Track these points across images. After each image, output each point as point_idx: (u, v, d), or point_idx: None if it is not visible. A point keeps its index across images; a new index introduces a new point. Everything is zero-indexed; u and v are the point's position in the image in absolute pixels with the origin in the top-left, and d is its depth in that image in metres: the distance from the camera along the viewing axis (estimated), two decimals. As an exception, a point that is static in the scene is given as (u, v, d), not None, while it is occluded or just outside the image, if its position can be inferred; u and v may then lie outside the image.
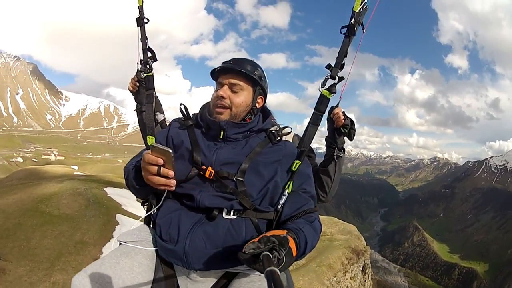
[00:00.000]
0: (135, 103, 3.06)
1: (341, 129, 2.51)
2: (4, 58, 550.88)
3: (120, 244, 1.81)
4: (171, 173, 1.59)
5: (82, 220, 14.74)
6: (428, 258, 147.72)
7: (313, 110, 2.19)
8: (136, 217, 16.39)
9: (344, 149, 2.61)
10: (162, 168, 1.57)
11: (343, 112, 2.52)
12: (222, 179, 1.78)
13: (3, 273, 10.84)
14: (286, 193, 1.87)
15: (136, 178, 1.79)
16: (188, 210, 1.79)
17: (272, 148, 1.93)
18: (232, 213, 1.75)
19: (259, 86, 2.00)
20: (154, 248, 1.80)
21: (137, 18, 2.70)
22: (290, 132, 1.99)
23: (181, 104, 2.08)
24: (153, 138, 2.25)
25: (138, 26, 2.71)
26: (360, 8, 2.09)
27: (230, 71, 1.95)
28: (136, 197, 2.10)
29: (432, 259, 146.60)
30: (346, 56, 2.13)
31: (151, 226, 2.02)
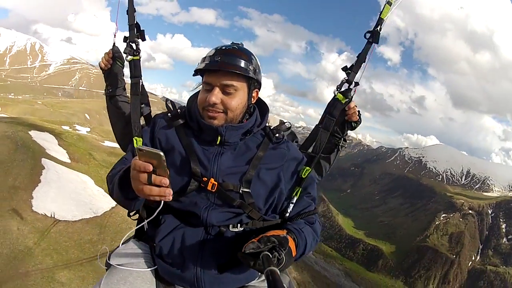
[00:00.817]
0: (106, 85, 2.60)
1: (352, 123, 2.50)
2: None
3: (108, 263, 1.67)
4: (165, 180, 1.28)
5: (12, 165, 15.64)
6: (333, 229, 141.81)
7: (324, 114, 2.16)
8: (59, 162, 17.99)
9: (346, 140, 2.64)
10: (153, 175, 1.27)
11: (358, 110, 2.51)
12: (228, 192, 1.65)
13: None
14: (294, 201, 1.82)
15: (123, 190, 1.48)
16: (190, 227, 1.66)
17: (275, 152, 1.82)
18: (239, 226, 1.67)
19: (254, 80, 1.76)
20: (152, 268, 1.68)
21: None
22: (290, 128, 1.92)
23: (167, 100, 1.90)
24: (141, 140, 1.90)
25: None
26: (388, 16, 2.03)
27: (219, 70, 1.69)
28: (126, 208, 1.77)
29: (336, 231, 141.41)
30: (365, 62, 2.09)
31: (143, 238, 1.88)
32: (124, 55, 2.30)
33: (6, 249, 11.31)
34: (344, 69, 2.11)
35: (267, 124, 1.89)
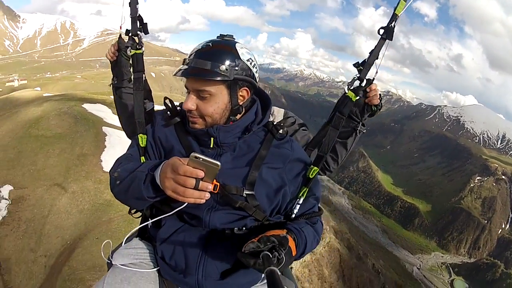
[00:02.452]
0: (112, 76, 2.59)
1: (372, 107, 2.39)
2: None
3: (111, 263, 1.68)
4: (210, 187, 1.35)
5: (75, 136, 16.65)
6: (372, 185, 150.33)
7: (333, 111, 2.08)
8: (118, 127, 17.48)
9: (364, 124, 2.52)
10: (201, 182, 1.32)
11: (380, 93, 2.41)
12: (231, 195, 1.59)
13: (24, 200, 12.54)
14: (301, 201, 1.78)
15: (149, 188, 1.47)
16: (192, 230, 1.64)
17: (278, 151, 1.75)
18: (244, 229, 1.64)
19: (234, 81, 1.63)
20: (156, 269, 1.68)
21: None
22: (294, 123, 1.92)
23: (165, 98, 1.83)
24: (145, 137, 1.84)
25: None
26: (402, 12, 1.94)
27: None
28: (133, 208, 1.84)
29: (375, 187, 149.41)
30: (377, 58, 1.99)
31: (146, 237, 1.89)
32: (127, 49, 2.27)
33: (88, 204, 12.54)
34: (356, 65, 2.00)
35: (269, 119, 1.84)
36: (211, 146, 1.67)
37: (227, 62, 1.57)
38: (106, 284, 1.51)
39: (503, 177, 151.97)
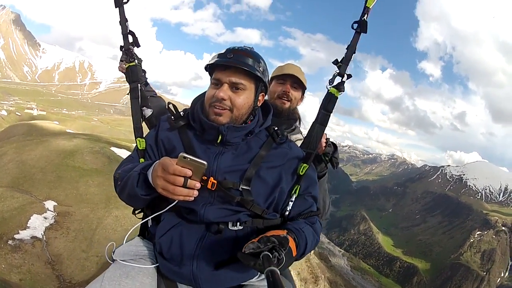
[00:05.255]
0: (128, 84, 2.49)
1: (322, 156, 2.24)
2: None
3: (114, 260, 1.69)
4: (198, 185, 1.41)
5: (110, 174, 13.89)
6: (372, 247, 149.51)
7: (319, 109, 2.07)
8: None
9: (325, 175, 2.43)
10: (189, 180, 1.38)
11: (326, 138, 2.28)
12: (227, 190, 1.61)
13: (70, 215, 11.99)
14: (293, 199, 1.78)
15: (142, 187, 1.54)
16: (189, 224, 1.65)
17: (277, 151, 1.80)
18: (238, 225, 1.64)
19: (261, 83, 1.76)
20: (154, 265, 1.70)
21: None
22: (294, 129, 1.93)
23: (169, 103, 1.93)
24: (143, 140, 1.91)
25: (116, 7, 2.26)
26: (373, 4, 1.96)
27: (230, 67, 1.67)
28: (133, 206, 1.89)
29: (375, 249, 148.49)
30: (355, 53, 2.02)
31: (147, 235, 1.92)
32: (121, 63, 2.40)
33: (130, 226, 12.51)
34: (335, 62, 2.02)
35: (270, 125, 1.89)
36: (218, 142, 1.70)
37: (262, 64, 1.73)
38: (106, 278, 1.53)
39: (503, 228, 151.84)
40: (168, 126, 1.84)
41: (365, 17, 1.96)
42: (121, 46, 2.31)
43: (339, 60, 2.03)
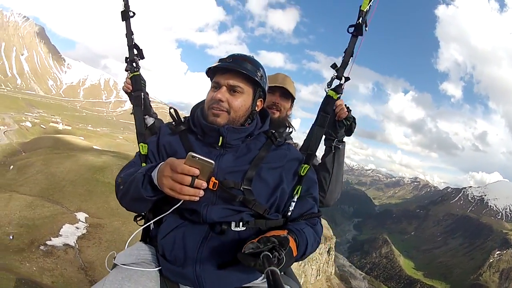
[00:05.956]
0: (132, 106, 2.57)
1: (344, 121, 2.30)
2: (14, 16, 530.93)
3: (115, 264, 1.67)
4: (205, 184, 1.43)
5: None
6: (393, 270, 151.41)
7: (318, 111, 2.15)
8: None
9: (344, 142, 2.42)
10: (196, 179, 1.40)
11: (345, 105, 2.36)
12: (229, 190, 1.62)
13: (102, 227, 12.74)
14: (295, 199, 1.80)
15: (147, 188, 1.54)
16: (191, 225, 1.65)
17: (276, 152, 1.83)
18: (241, 225, 1.62)
19: (260, 88, 1.82)
20: (157, 268, 1.67)
21: (121, 12, 2.42)
22: (291, 133, 2.04)
23: (170, 108, 1.96)
24: (146, 146, 1.96)
25: (123, 20, 2.43)
26: (368, 8, 2.05)
27: (229, 71, 1.75)
28: (136, 211, 1.92)
29: (396, 272, 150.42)
30: (352, 56, 2.09)
31: (148, 241, 1.92)
32: (126, 73, 2.46)
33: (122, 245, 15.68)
34: (333, 66, 2.07)
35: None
36: (219, 144, 1.72)
37: (261, 71, 1.80)
38: (107, 281, 1.50)
39: None
40: (169, 131, 1.88)
41: (360, 21, 2.01)
42: (126, 57, 2.45)
43: (336, 65, 2.09)
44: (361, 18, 2.01)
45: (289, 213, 1.77)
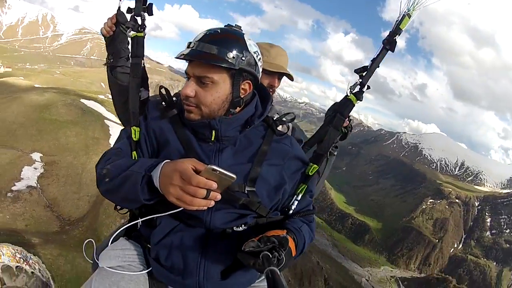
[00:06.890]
0: (107, 54, 2.23)
1: (343, 128, 2.25)
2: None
3: (97, 263, 1.58)
4: (219, 196, 1.28)
5: (85, 124, 21.08)
6: (325, 202, 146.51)
7: (335, 113, 2.07)
8: (117, 122, 22.44)
9: (337, 146, 2.40)
10: (212, 192, 1.24)
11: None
12: (233, 192, 1.51)
13: (56, 164, 15.84)
14: (299, 198, 1.75)
15: (144, 191, 1.36)
16: (189, 228, 1.55)
17: (278, 147, 1.69)
18: (242, 226, 1.58)
19: (239, 71, 1.53)
20: (146, 271, 1.59)
21: None
22: (294, 119, 1.91)
23: (161, 87, 1.67)
24: (139, 130, 1.68)
25: None
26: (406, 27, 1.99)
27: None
28: (122, 207, 1.70)
29: (328, 204, 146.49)
30: (378, 67, 2.04)
31: (133, 237, 1.75)
32: (127, 30, 2.02)
33: (77, 179, 16.91)
34: (358, 71, 2.00)
35: (269, 115, 1.76)
36: (212, 139, 1.57)
37: (235, 51, 1.48)
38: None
39: (457, 200, 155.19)
40: (158, 114, 1.68)
41: (396, 37, 1.97)
42: (129, 8, 1.96)
43: (361, 69, 2.01)
44: (397, 36, 1.99)
45: (291, 211, 1.75)
